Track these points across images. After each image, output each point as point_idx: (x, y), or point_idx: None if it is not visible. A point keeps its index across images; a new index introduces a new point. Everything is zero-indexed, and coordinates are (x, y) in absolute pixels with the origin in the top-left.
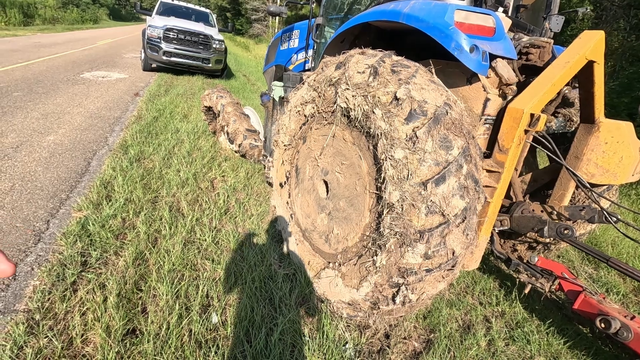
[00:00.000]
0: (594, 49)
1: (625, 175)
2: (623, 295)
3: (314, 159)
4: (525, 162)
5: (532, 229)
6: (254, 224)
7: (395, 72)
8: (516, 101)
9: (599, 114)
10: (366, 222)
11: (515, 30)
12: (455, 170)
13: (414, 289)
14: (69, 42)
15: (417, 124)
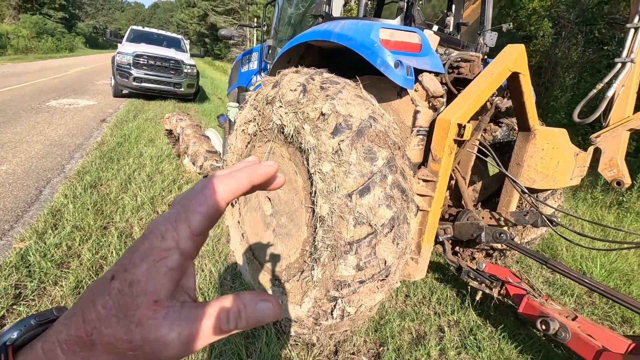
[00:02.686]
0: (516, 61)
1: (563, 179)
2: (577, 296)
3: None
4: (477, 171)
5: (472, 235)
6: (209, 246)
7: (324, 88)
8: (444, 112)
9: (533, 121)
10: (304, 237)
11: (446, 46)
12: (379, 180)
13: (350, 302)
14: (40, 70)
15: (342, 137)
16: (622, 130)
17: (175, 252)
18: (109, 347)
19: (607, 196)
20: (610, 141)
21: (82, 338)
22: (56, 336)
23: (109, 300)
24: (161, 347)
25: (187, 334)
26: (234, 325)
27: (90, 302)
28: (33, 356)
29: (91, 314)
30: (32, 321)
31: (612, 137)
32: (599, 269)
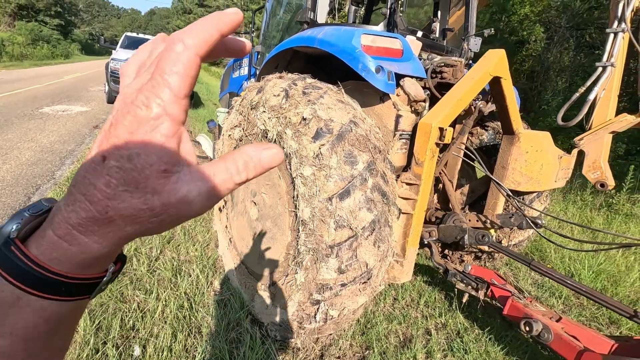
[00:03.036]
0: (497, 66)
1: (548, 181)
2: (565, 298)
3: None
4: (465, 174)
5: (455, 238)
6: (197, 252)
7: (306, 93)
8: (426, 117)
9: (517, 125)
10: (288, 241)
11: (429, 51)
12: (359, 184)
13: (333, 305)
14: (34, 77)
15: (323, 141)
16: (604, 133)
17: (165, 118)
18: (130, 219)
19: (596, 198)
20: (593, 144)
21: (97, 218)
22: (67, 222)
23: (112, 179)
24: (185, 207)
25: (206, 190)
26: (244, 175)
27: (89, 185)
28: (48, 243)
29: (96, 196)
30: (25, 213)
31: (595, 140)
32: (586, 270)
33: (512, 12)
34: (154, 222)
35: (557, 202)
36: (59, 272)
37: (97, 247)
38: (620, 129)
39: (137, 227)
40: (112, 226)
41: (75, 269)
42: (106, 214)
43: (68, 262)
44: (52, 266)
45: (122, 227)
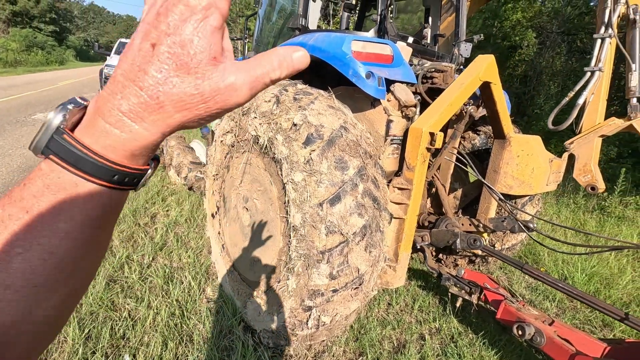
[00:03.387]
0: (487, 71)
1: (539, 185)
2: (559, 301)
3: (236, 187)
4: (458, 178)
5: (448, 242)
6: (190, 258)
7: (297, 99)
8: (416, 122)
9: (508, 129)
10: (280, 247)
11: (420, 57)
12: (350, 189)
13: (325, 311)
14: (28, 83)
15: (313, 147)
16: (594, 137)
17: (215, 10)
18: (180, 105)
19: (589, 201)
20: (583, 147)
21: (148, 103)
22: (118, 109)
23: (163, 65)
24: (231, 93)
25: (249, 80)
26: (278, 73)
27: (139, 72)
28: (101, 132)
29: (147, 81)
30: (69, 107)
31: (585, 144)
32: (580, 273)
33: (504, 17)
34: (201, 108)
35: (550, 206)
36: (112, 160)
37: (147, 134)
38: (610, 133)
39: (185, 114)
40: (161, 112)
41: (124, 158)
42: (157, 99)
43: (119, 150)
44: (105, 154)
45: (171, 113)
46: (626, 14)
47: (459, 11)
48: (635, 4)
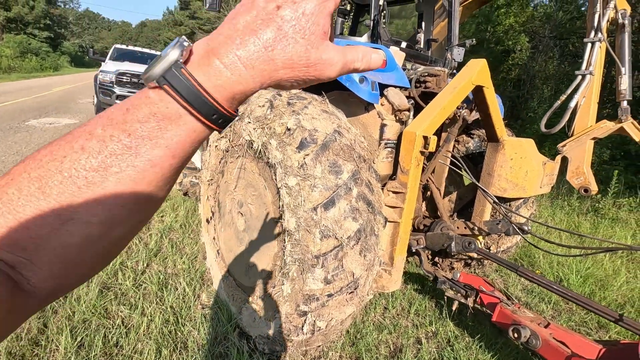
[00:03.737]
0: (479, 75)
1: (533, 187)
2: (555, 303)
3: (231, 192)
4: (453, 182)
5: (443, 245)
6: (185, 264)
7: (290, 104)
8: (410, 126)
9: (501, 132)
10: (275, 252)
11: (413, 62)
12: (344, 193)
13: (320, 316)
14: (22, 89)
15: (307, 151)
16: (586, 139)
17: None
18: (288, 62)
19: (583, 203)
20: (575, 150)
21: (262, 54)
22: (235, 53)
23: (284, 25)
24: (327, 66)
25: (343, 61)
26: (359, 64)
27: (261, 24)
28: (214, 71)
29: (267, 34)
30: (184, 43)
31: (577, 146)
32: (575, 275)
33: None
34: (302, 71)
35: (544, 208)
36: (216, 99)
37: (250, 81)
38: (601, 135)
39: (288, 72)
40: (270, 64)
41: (226, 100)
42: (272, 51)
43: (225, 91)
44: (212, 93)
45: (278, 68)
46: (615, 18)
47: (451, 16)
48: (623, 9)
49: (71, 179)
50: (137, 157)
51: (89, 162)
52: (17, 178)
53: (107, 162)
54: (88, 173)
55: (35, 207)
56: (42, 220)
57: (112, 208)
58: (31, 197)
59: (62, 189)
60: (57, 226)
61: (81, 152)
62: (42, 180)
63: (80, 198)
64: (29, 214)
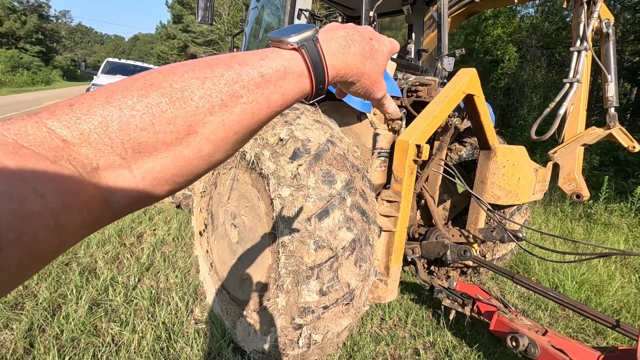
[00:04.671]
0: (469, 84)
1: (526, 194)
2: (552, 310)
3: (224, 204)
4: (447, 190)
5: (438, 254)
6: (177, 278)
7: (283, 114)
8: (403, 134)
9: (493, 140)
10: (269, 264)
11: (404, 71)
12: (338, 203)
13: (316, 328)
14: (12, 104)
15: (300, 161)
16: (576, 146)
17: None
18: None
19: (575, 209)
20: (566, 156)
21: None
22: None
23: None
24: (380, 87)
25: (385, 90)
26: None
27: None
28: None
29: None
30: (317, 32)
31: (568, 153)
32: (570, 281)
33: (485, 33)
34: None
35: (538, 214)
36: (328, 75)
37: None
38: (591, 142)
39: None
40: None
41: (331, 76)
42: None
43: (333, 70)
44: (327, 69)
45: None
46: (599, 28)
47: (440, 27)
48: (607, 18)
49: (210, 98)
50: (262, 95)
51: (226, 88)
52: (160, 84)
53: (239, 92)
54: (224, 96)
55: (172, 115)
56: (174, 127)
57: (229, 132)
58: (172, 104)
59: (200, 103)
60: (183, 135)
61: (220, 78)
62: (184, 93)
63: (213, 115)
64: (164, 120)
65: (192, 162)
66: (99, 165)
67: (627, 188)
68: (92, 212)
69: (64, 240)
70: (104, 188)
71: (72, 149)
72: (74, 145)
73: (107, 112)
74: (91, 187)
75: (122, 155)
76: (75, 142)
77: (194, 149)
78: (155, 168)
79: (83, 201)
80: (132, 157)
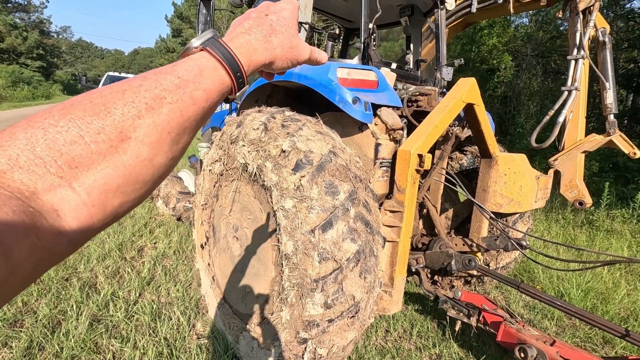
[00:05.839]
0: (469, 94)
1: (528, 202)
2: (558, 319)
3: (226, 216)
4: (448, 199)
5: (442, 264)
6: (179, 292)
7: (285, 126)
8: (405, 144)
9: (493, 148)
10: (272, 277)
11: (404, 82)
12: (342, 214)
13: (321, 342)
14: (11, 118)
15: (303, 173)
16: (576, 153)
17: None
18: (279, 44)
19: (577, 216)
20: (567, 163)
21: (263, 38)
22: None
23: (273, 23)
24: (302, 50)
25: (310, 49)
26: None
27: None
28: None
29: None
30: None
31: (569, 160)
32: (575, 289)
33: (481, 43)
34: (288, 50)
35: (540, 222)
36: (241, 63)
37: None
38: (591, 149)
39: (280, 51)
40: (270, 45)
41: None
42: (269, 36)
43: (245, 57)
44: (237, 57)
45: (274, 47)
46: (595, 36)
47: (438, 38)
48: (603, 27)
49: (134, 104)
50: (184, 93)
51: (147, 93)
52: (80, 103)
53: (161, 94)
54: (148, 100)
55: (100, 125)
56: (105, 135)
57: (162, 132)
58: (96, 116)
59: (125, 110)
60: (117, 142)
61: (139, 87)
62: (106, 105)
63: (141, 119)
64: (93, 130)
65: (134, 169)
66: (37, 189)
67: (628, 194)
68: (41, 236)
69: (13, 268)
70: (48, 211)
71: (4, 176)
72: (5, 172)
73: (30, 134)
74: (34, 211)
75: (59, 174)
76: (6, 169)
77: (132, 155)
78: (98, 181)
79: (27, 225)
80: (71, 174)
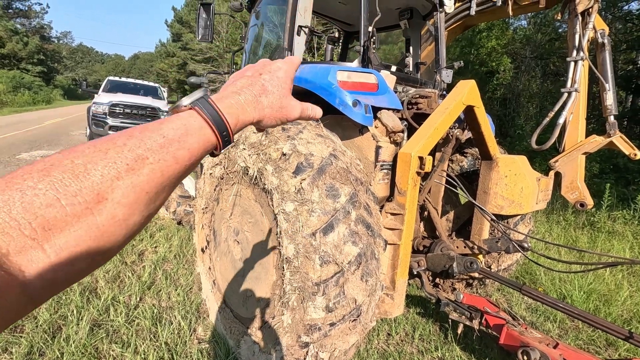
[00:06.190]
0: (469, 96)
1: (529, 204)
2: (560, 321)
3: (226, 220)
4: (449, 201)
5: (444, 267)
6: (180, 297)
7: (285, 129)
8: (405, 147)
9: (494, 150)
10: (274, 280)
11: (404, 84)
12: (343, 217)
13: (323, 346)
14: (13, 124)
15: (303, 176)
16: (577, 154)
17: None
18: (269, 104)
19: (578, 217)
20: (568, 165)
21: (254, 99)
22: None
23: (265, 83)
24: (292, 109)
25: (300, 107)
26: (310, 111)
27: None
28: (226, 106)
29: (257, 89)
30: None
31: (570, 161)
32: (577, 291)
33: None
34: (277, 110)
35: (541, 224)
36: (228, 122)
37: (248, 114)
38: (592, 150)
39: (268, 111)
40: (259, 105)
41: (232, 124)
42: (259, 97)
43: (233, 117)
44: (225, 117)
45: (263, 107)
46: (595, 38)
47: (438, 40)
48: (602, 29)
49: (114, 165)
50: (167, 153)
51: (130, 153)
52: (61, 163)
53: (144, 154)
54: (129, 161)
55: (78, 187)
56: (82, 197)
57: (140, 193)
58: (75, 178)
59: (105, 171)
60: (93, 204)
61: (123, 146)
62: (87, 166)
63: (120, 180)
64: (70, 192)
65: (107, 229)
66: (8, 251)
67: (629, 195)
68: (6, 297)
69: None
70: (16, 274)
71: None
72: None
73: (8, 196)
74: (4, 274)
75: (32, 236)
76: None
77: (107, 216)
78: (69, 243)
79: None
80: (43, 236)
